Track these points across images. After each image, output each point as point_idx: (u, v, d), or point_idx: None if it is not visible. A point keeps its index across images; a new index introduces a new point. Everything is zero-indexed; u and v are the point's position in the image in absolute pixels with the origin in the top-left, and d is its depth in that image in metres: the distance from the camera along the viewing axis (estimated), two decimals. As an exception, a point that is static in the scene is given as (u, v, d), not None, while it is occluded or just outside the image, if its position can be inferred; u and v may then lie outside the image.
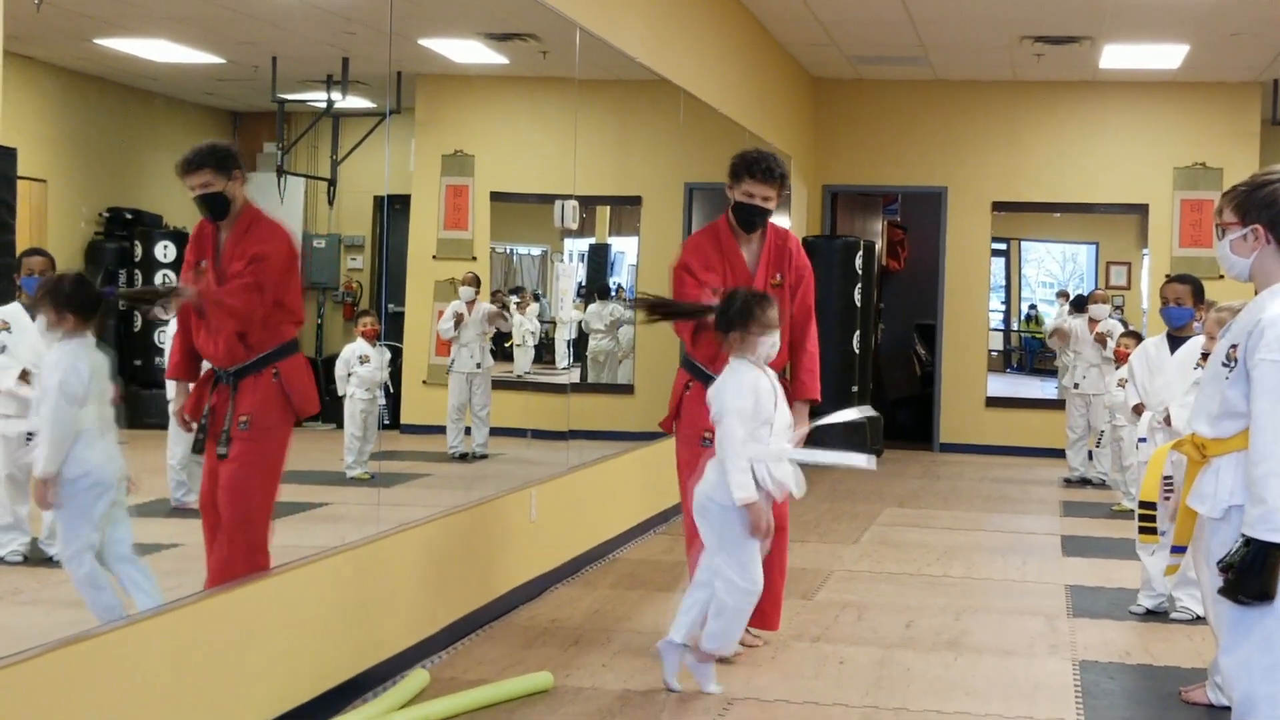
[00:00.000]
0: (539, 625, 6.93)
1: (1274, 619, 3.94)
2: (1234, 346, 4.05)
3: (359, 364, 8.56)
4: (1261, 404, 3.90)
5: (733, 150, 6.42)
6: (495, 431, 9.64)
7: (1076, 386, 12.71)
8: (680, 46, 10.29)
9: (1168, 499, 4.54)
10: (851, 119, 15.77)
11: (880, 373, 16.52)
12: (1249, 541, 3.88)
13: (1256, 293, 4.16)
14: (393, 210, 8.96)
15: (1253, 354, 3.95)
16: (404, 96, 8.59)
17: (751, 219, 6.38)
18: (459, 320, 9.35)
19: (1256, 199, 4.13)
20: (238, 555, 5.17)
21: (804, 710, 5.67)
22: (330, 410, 8.72)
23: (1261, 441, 3.89)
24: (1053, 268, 23.94)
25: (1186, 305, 7.59)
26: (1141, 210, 15.50)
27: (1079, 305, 14.24)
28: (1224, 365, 4.08)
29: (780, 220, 14.02)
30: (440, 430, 9.50)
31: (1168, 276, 7.97)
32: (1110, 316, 12.96)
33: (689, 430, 6.38)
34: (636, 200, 11.73)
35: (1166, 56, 13.83)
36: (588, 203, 11.13)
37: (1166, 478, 4.59)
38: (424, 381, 9.58)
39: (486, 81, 10.05)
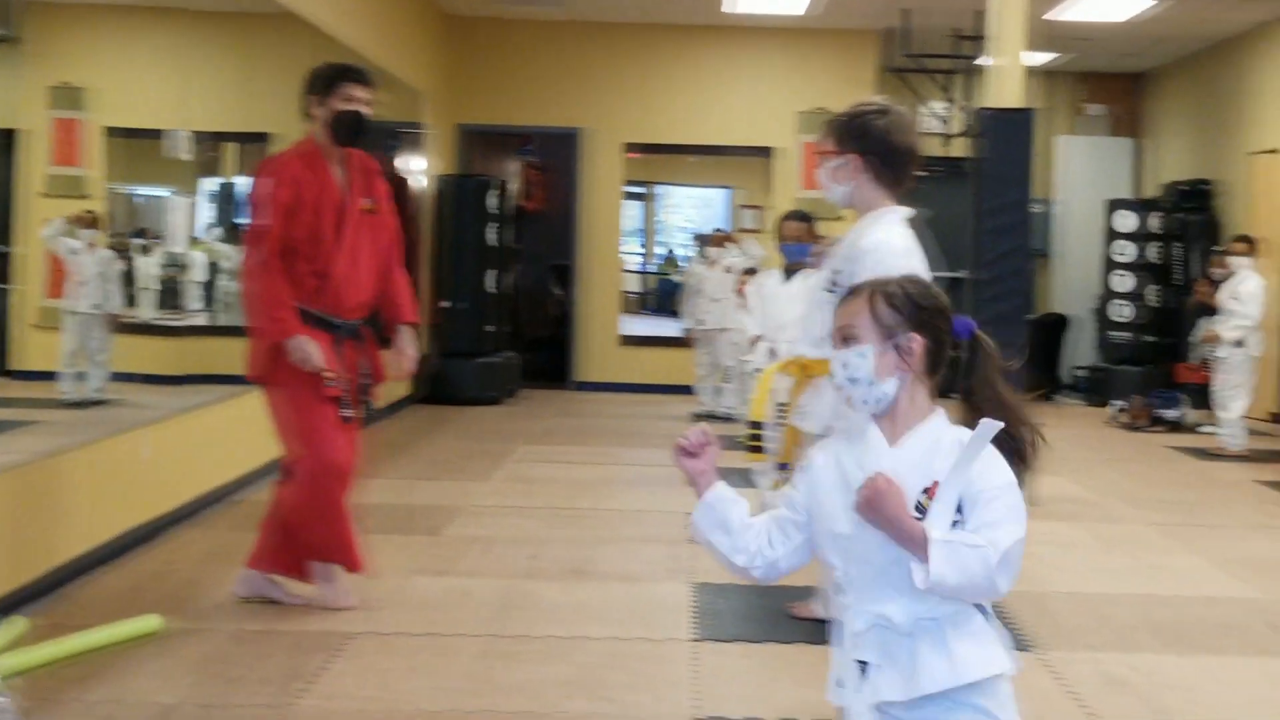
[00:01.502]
0: (153, 568, 6.71)
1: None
2: (836, 272, 4.18)
3: (-45, 304, 8.07)
4: (859, 326, 4.02)
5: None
6: (117, 377, 9.26)
7: (700, 323, 13.05)
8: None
9: (781, 424, 4.66)
10: (485, 58, 15.69)
11: (518, 313, 16.60)
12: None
13: (858, 218, 4.30)
14: (-2, 145, 8.48)
15: (852, 279, 4.07)
16: (10, 24, 8.11)
17: (359, 128, 5.95)
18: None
19: (852, 129, 4.27)
20: None
21: (423, 642, 5.63)
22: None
23: (855, 360, 4.02)
24: (691, 213, 24.49)
25: (805, 241, 7.81)
26: (769, 153, 15.95)
27: (703, 246, 14.56)
28: (828, 290, 4.20)
29: (414, 159, 13.87)
30: (55, 376, 9.07)
31: (784, 214, 8.18)
32: (737, 254, 13.30)
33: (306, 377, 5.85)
34: (264, 137, 11.40)
35: (790, 2, 14.20)
36: (213, 139, 10.75)
37: (781, 404, 4.71)
38: (35, 325, 9.11)
39: (98, 10, 9.57)
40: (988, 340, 2.82)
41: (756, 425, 4.74)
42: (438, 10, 14.99)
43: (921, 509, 2.64)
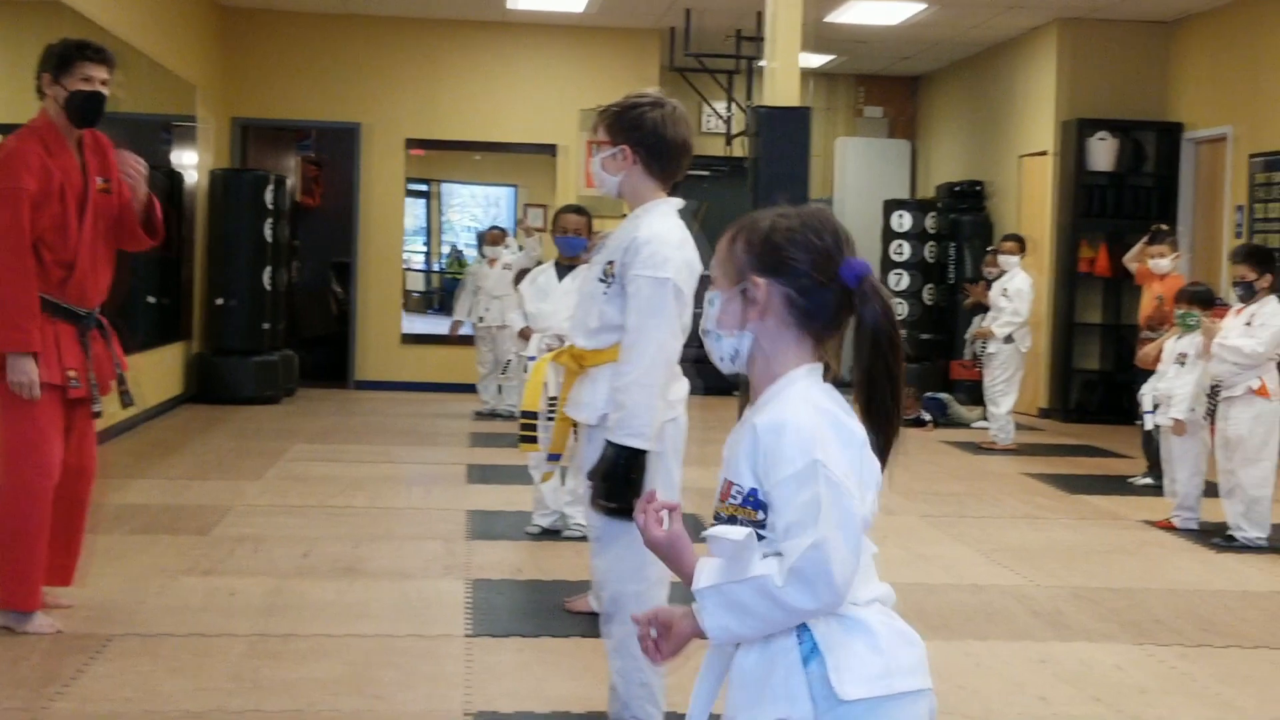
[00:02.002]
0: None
1: (641, 522, 4.09)
2: (611, 263, 4.17)
3: None
4: (634, 317, 4.05)
5: (141, 80, 5.83)
6: None
7: (481, 320, 13.00)
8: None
9: (551, 419, 4.64)
10: (263, 51, 15.37)
11: (296, 310, 16.33)
12: (612, 447, 4.01)
13: (629, 210, 4.30)
14: None
15: (629, 270, 4.08)
16: None
17: (96, 109, 5.66)
18: None
19: (625, 120, 4.27)
20: None
21: (189, 642, 5.51)
22: None
23: (632, 354, 4.04)
24: (476, 212, 24.38)
25: (582, 235, 7.82)
26: (553, 151, 15.94)
27: (481, 243, 14.54)
28: (601, 281, 4.19)
29: (187, 153, 13.51)
30: None
31: (561, 208, 8.18)
32: (517, 251, 13.31)
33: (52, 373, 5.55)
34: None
35: (571, -1, 14.25)
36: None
37: (553, 398, 4.69)
38: None
39: None
40: (880, 288, 2.37)
41: (529, 415, 4.74)
42: (212, 1, 14.65)
43: (720, 517, 2.32)
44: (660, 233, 4.13)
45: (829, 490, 2.21)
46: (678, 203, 4.31)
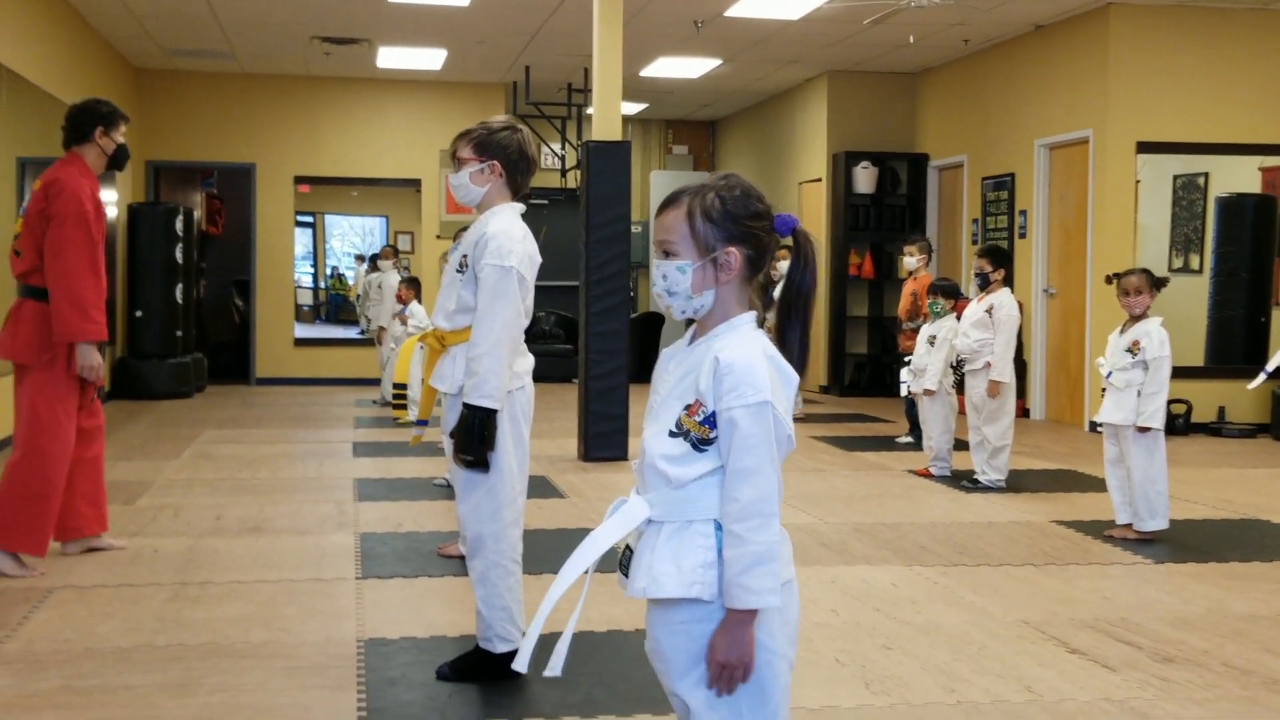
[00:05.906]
0: None
1: (496, 472, 4.06)
2: (465, 256, 4.13)
3: None
4: (484, 299, 4.01)
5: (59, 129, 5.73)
6: None
7: (383, 329, 12.67)
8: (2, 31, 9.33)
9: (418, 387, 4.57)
10: (171, 103, 14.98)
11: (203, 321, 16.01)
12: (467, 408, 3.97)
13: (480, 214, 4.25)
14: None
15: (479, 261, 4.04)
16: None
17: (126, 160, 5.91)
18: None
19: (494, 141, 4.24)
20: None
21: (119, 592, 5.32)
22: None
23: (481, 329, 4.00)
24: (354, 240, 24.04)
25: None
26: (418, 185, 15.76)
27: (374, 263, 14.26)
28: (458, 272, 4.15)
29: (109, 191, 13.13)
30: None
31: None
32: (398, 272, 13.08)
33: (67, 371, 5.52)
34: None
35: (430, 59, 14.07)
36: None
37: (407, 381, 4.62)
38: None
39: None
40: (809, 234, 2.39)
41: (399, 387, 4.67)
42: (126, 64, 14.22)
43: (680, 427, 2.26)
44: (505, 229, 4.10)
45: (775, 426, 2.22)
46: (520, 206, 4.28)
